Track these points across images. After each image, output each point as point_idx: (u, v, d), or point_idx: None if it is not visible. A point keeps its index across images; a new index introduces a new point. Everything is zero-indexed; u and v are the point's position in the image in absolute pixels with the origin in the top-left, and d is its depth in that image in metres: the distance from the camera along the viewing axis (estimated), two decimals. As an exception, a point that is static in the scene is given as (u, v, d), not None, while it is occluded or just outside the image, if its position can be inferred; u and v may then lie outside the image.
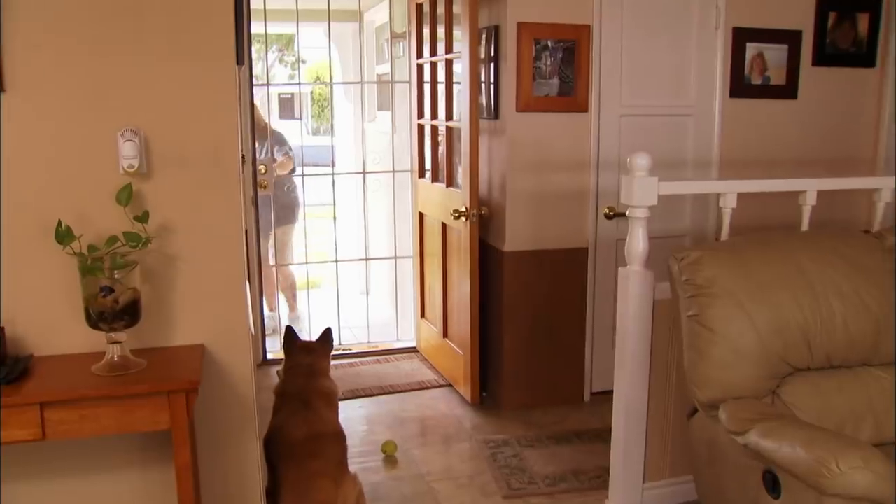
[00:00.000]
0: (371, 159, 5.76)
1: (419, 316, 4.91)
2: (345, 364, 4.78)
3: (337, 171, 5.96)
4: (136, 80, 2.27)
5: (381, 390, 4.36)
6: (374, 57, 6.13)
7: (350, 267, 5.92)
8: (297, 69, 15.10)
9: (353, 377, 4.55)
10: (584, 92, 3.88)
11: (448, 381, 4.41)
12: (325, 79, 7.21)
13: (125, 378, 2.14)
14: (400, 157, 5.23)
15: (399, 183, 5.29)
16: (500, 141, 3.89)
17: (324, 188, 6.14)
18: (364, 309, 5.68)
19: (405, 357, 4.91)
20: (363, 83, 6.00)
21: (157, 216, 2.33)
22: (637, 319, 2.85)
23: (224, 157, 2.40)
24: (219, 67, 2.34)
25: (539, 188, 3.89)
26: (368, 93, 6.15)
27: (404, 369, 4.69)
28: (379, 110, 6.18)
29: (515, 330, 4.01)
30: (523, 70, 3.77)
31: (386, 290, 5.69)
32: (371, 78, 6.15)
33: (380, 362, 4.84)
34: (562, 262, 3.98)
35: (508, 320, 3.99)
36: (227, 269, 2.44)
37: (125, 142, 2.24)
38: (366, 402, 4.22)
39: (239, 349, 2.50)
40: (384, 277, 5.78)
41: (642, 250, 2.80)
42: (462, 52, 3.83)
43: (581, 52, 3.83)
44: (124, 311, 2.17)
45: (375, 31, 6.10)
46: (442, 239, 4.36)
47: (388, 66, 5.63)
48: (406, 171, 5.09)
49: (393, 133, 5.39)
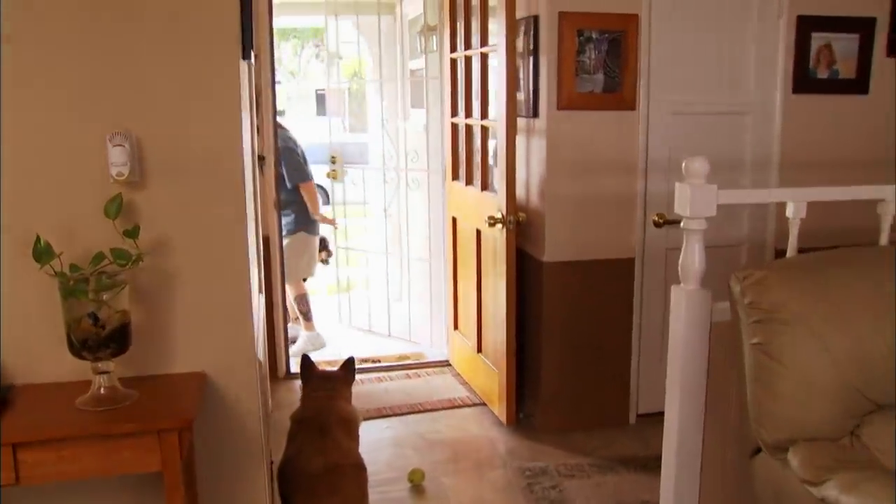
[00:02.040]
0: (405, 159, 5.52)
1: (452, 328, 4.66)
2: (372, 378, 4.56)
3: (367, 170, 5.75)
4: (127, 78, 2.06)
5: (409, 409, 4.13)
6: (407, 51, 5.88)
7: (383, 269, 5.70)
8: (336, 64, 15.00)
9: (381, 394, 4.32)
10: (632, 88, 3.60)
11: (482, 400, 4.16)
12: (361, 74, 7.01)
13: (112, 413, 1.93)
14: (434, 157, 4.99)
15: (433, 184, 5.05)
16: (539, 141, 3.64)
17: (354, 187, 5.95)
18: (398, 314, 5.48)
19: (437, 372, 4.68)
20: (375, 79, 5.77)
21: (152, 230, 2.12)
22: (691, 344, 2.56)
23: (227, 163, 2.18)
24: (221, 63, 2.13)
25: (581, 193, 3.63)
26: (402, 89, 5.91)
27: (435, 385, 4.46)
28: (413, 108, 5.94)
29: (555, 346, 3.75)
30: (565, 64, 3.50)
31: (420, 295, 5.46)
32: (405, 73, 5.92)
33: (409, 377, 4.61)
34: (606, 274, 3.72)
35: (547, 335, 3.74)
36: (232, 289, 2.24)
37: (114, 147, 2.03)
38: (393, 421, 3.99)
39: (244, 377, 2.28)
40: (417, 280, 5.55)
41: (698, 267, 2.51)
42: (498, 45, 3.57)
43: (628, 45, 3.54)
44: (111, 337, 1.95)
45: (409, 24, 5.85)
46: (476, 246, 4.11)
47: (422, 61, 5.39)
48: (440, 171, 4.84)
49: (427, 132, 5.14)
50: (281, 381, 4.44)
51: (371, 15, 5.52)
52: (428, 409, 4.12)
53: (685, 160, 2.48)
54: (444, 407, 4.15)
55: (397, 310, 5.55)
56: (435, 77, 4.85)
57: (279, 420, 3.06)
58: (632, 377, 3.88)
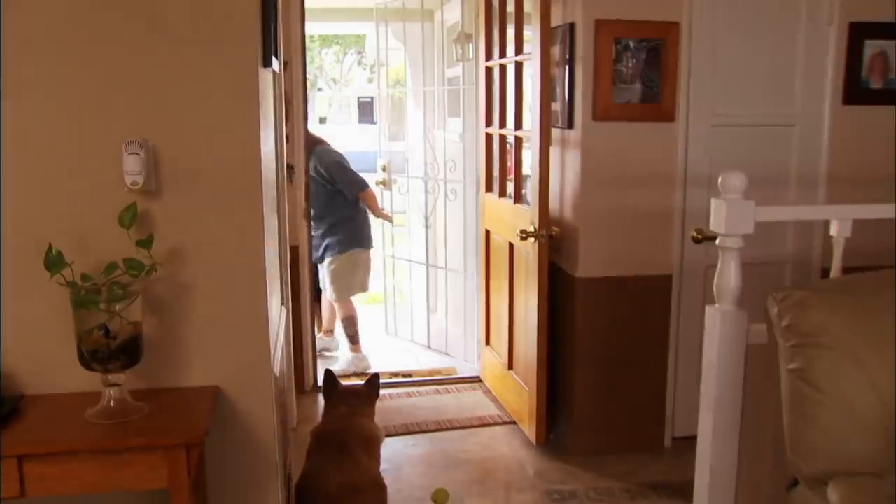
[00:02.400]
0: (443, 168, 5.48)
1: (484, 343, 4.61)
2: (402, 394, 4.52)
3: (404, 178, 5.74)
4: (144, 85, 2.07)
5: (437, 426, 4.08)
6: (445, 59, 5.87)
7: (418, 279, 5.68)
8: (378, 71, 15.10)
9: (409, 409, 4.29)
10: (671, 98, 3.51)
11: (512, 419, 4.10)
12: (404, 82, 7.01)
13: (121, 427, 1.92)
14: (470, 167, 4.95)
15: (469, 194, 5.01)
16: (574, 153, 3.58)
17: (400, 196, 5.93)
18: (436, 326, 5.46)
19: (467, 388, 4.63)
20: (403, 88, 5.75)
21: (168, 240, 2.12)
22: (726, 368, 2.48)
23: (245, 173, 2.17)
24: (240, 71, 2.13)
25: (617, 207, 3.56)
26: (439, 98, 5.90)
27: (465, 402, 4.40)
28: (450, 116, 5.92)
29: (588, 365, 3.67)
30: (601, 73, 3.43)
31: (455, 308, 5.42)
32: (442, 82, 5.90)
33: (440, 392, 4.56)
34: (642, 291, 3.64)
35: (580, 354, 3.66)
36: (248, 301, 2.23)
37: (129, 154, 2.03)
38: (420, 438, 3.95)
39: (260, 392, 2.27)
40: (452, 293, 5.51)
41: (734, 287, 2.43)
42: (532, 54, 3.53)
43: (668, 54, 3.46)
44: (121, 349, 1.95)
45: (447, 32, 5.84)
46: (509, 260, 4.06)
47: (459, 69, 5.36)
48: (476, 182, 4.80)
49: (463, 141, 5.11)
50: (307, 395, 4.43)
51: (415, 22, 5.52)
52: (456, 427, 4.07)
53: (721, 175, 2.41)
54: (472, 425, 4.09)
55: (435, 322, 5.52)
56: (471, 86, 4.82)
57: (303, 434, 3.04)
58: (667, 399, 3.78)
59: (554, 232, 3.61)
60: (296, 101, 4.19)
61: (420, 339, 5.50)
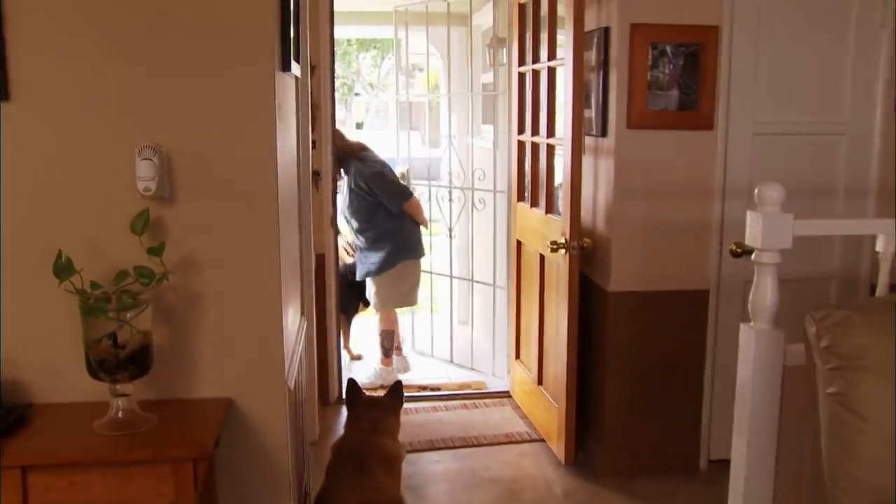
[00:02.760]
0: (472, 177, 5.46)
1: (513, 357, 4.56)
2: (428, 408, 4.49)
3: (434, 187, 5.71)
4: (157, 90, 2.07)
5: (463, 442, 4.04)
6: (479, 64, 5.85)
7: (447, 291, 5.64)
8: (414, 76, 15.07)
9: (435, 425, 4.25)
10: (710, 106, 3.44)
11: (541, 436, 4.04)
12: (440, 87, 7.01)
13: (129, 439, 1.92)
14: (501, 176, 4.92)
15: (500, 204, 4.97)
16: (608, 162, 3.52)
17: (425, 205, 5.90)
18: (461, 340, 5.41)
19: (496, 403, 4.58)
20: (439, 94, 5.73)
21: (180, 248, 2.13)
22: (761, 390, 2.41)
23: (261, 180, 2.18)
24: (256, 76, 2.13)
25: (652, 218, 3.49)
26: (472, 104, 5.88)
27: (493, 418, 4.35)
28: (483, 123, 5.90)
29: (619, 382, 3.61)
30: (636, 79, 3.38)
31: (484, 321, 5.38)
32: (477, 87, 5.88)
33: (467, 407, 4.51)
34: (677, 306, 3.56)
35: (612, 370, 3.60)
36: (262, 311, 2.22)
37: (142, 160, 2.03)
38: (445, 455, 3.91)
39: (273, 405, 2.26)
40: (480, 305, 5.47)
41: (770, 304, 2.36)
42: (565, 59, 3.48)
43: (707, 59, 3.39)
44: (130, 358, 1.95)
45: (482, 36, 5.82)
46: (539, 272, 4.01)
47: (492, 75, 5.34)
48: (503, 191, 4.77)
49: (495, 149, 5.08)
50: (331, 407, 4.42)
51: (440, 25, 5.51)
52: (483, 444, 4.02)
53: (758, 186, 2.34)
54: (500, 442, 4.04)
55: (461, 335, 5.47)
56: (505, 92, 4.79)
57: (325, 448, 3.03)
58: (703, 419, 3.70)
59: (585, 243, 3.55)
60: (323, 106, 4.19)
61: (441, 353, 5.44)
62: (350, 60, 22.68)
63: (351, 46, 21.02)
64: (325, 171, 4.25)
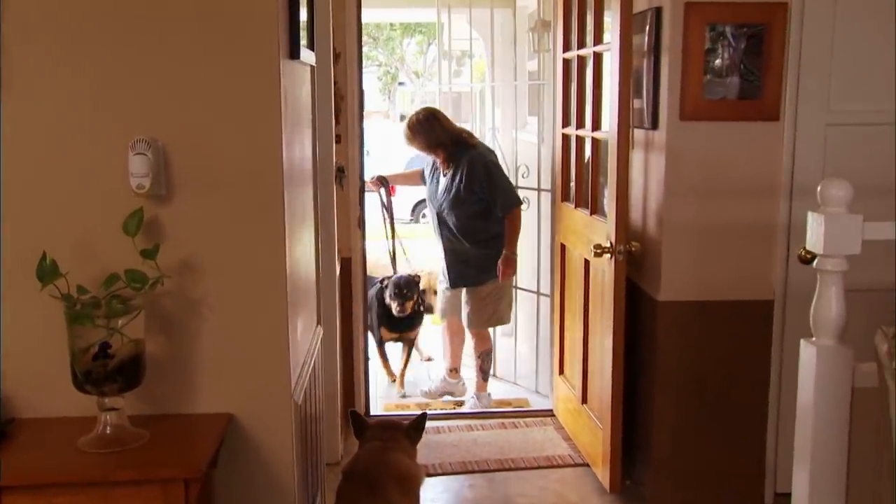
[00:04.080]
0: (519, 173, 5.41)
1: (557, 373, 4.50)
2: (462, 427, 4.45)
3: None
4: (152, 80, 2.09)
5: (499, 465, 4.00)
6: (525, 51, 5.80)
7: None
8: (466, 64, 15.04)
9: (469, 445, 4.22)
10: (776, 94, 3.35)
11: (585, 461, 3.99)
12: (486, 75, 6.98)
13: (116, 457, 1.93)
14: (546, 173, 4.87)
15: (544, 204, 4.93)
16: (659, 157, 3.45)
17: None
18: (503, 353, 5.38)
19: (537, 423, 4.53)
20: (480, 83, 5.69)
21: (178, 250, 2.14)
22: (825, 415, 2.34)
23: (265, 177, 2.18)
24: (258, 65, 2.14)
25: (708, 220, 3.41)
26: (518, 94, 5.83)
27: (534, 439, 4.31)
28: (529, 115, 5.85)
29: (671, 402, 3.53)
30: (691, 65, 3.30)
31: (527, 332, 5.33)
32: (522, 75, 5.83)
33: (505, 426, 4.47)
34: (737, 318, 3.47)
35: (662, 389, 3.53)
36: (267, 320, 2.23)
37: (135, 155, 2.05)
38: (478, 479, 3.88)
39: (278, 422, 2.27)
40: (524, 315, 5.41)
41: (835, 317, 2.29)
42: (612, 43, 3.42)
43: (773, 41, 3.30)
44: (119, 370, 1.96)
45: (527, 19, 5.77)
46: (584, 279, 3.95)
47: (536, 62, 5.29)
48: (548, 190, 4.72)
49: (539, 143, 5.03)
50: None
51: (484, 8, 5.47)
52: (521, 467, 3.98)
53: (821, 183, 2.27)
54: (539, 465, 3.99)
55: (504, 347, 5.42)
56: (550, 81, 4.73)
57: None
58: (768, 446, 3.59)
59: (633, 248, 3.49)
60: (350, 96, 4.19)
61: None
62: (394, 47, 22.77)
63: (394, 31, 21.12)
64: (351, 167, 4.24)
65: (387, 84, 23.91)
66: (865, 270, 2.65)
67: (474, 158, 4.60)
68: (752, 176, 3.41)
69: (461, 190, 4.59)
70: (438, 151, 4.66)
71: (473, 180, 4.57)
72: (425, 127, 4.62)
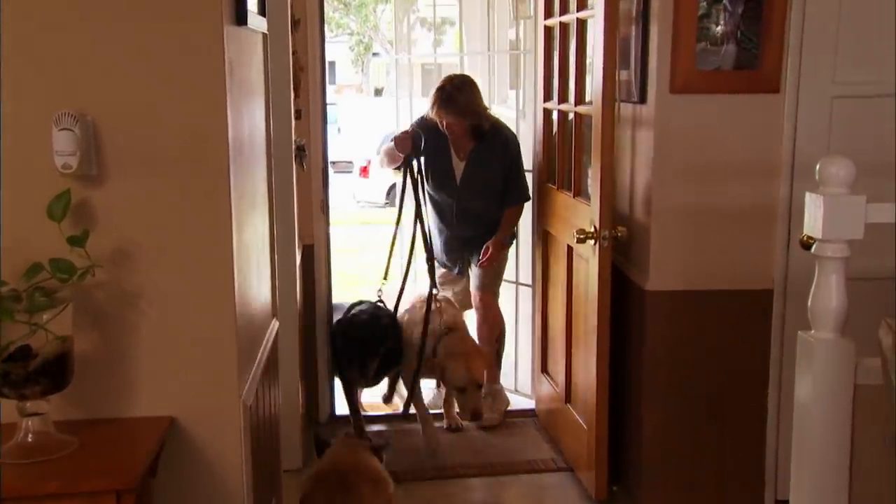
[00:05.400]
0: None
1: (539, 369, 4.52)
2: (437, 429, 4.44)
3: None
4: (80, 46, 2.04)
5: (476, 470, 4.05)
6: (505, 18, 5.77)
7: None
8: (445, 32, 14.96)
9: (444, 448, 4.22)
10: (776, 63, 3.35)
11: (568, 465, 4.03)
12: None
13: (38, 468, 1.89)
14: (527, 153, 4.84)
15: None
16: (647, 134, 3.46)
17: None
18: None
19: (518, 423, 4.59)
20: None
21: (111, 236, 2.11)
22: (826, 414, 2.36)
23: (209, 154, 2.16)
24: (199, 28, 2.11)
25: (701, 202, 3.43)
26: (496, 65, 5.80)
27: (513, 442, 4.36)
28: (510, 89, 5.83)
29: (661, 401, 3.56)
30: (683, 32, 3.29)
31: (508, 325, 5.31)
32: (503, 44, 5.79)
33: (483, 428, 4.47)
34: (732, 309, 3.50)
35: (651, 387, 3.55)
36: (212, 313, 2.21)
37: (60, 130, 2.00)
38: (453, 486, 3.92)
39: (225, 425, 2.24)
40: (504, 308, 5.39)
41: (835, 308, 2.29)
42: (597, 9, 3.40)
43: (773, 4, 3.29)
44: (42, 370, 1.91)
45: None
46: (567, 267, 3.97)
47: (516, 31, 5.26)
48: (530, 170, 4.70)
49: (519, 119, 5.01)
50: (323, 427, 4.39)
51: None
52: (498, 472, 4.03)
53: (820, 162, 2.25)
54: (518, 470, 4.04)
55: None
56: (532, 50, 4.71)
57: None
58: (768, 449, 3.61)
59: (620, 233, 3.50)
60: (311, 69, 4.15)
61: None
62: (367, 14, 22.65)
63: (368, -4, 21.07)
64: (313, 146, 4.21)
65: (360, 55, 23.82)
66: (868, 257, 2.67)
67: (510, 140, 4.52)
68: (749, 154, 3.42)
69: (495, 174, 4.47)
70: (470, 126, 4.42)
71: (510, 165, 4.48)
72: (468, 91, 4.39)
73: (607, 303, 3.49)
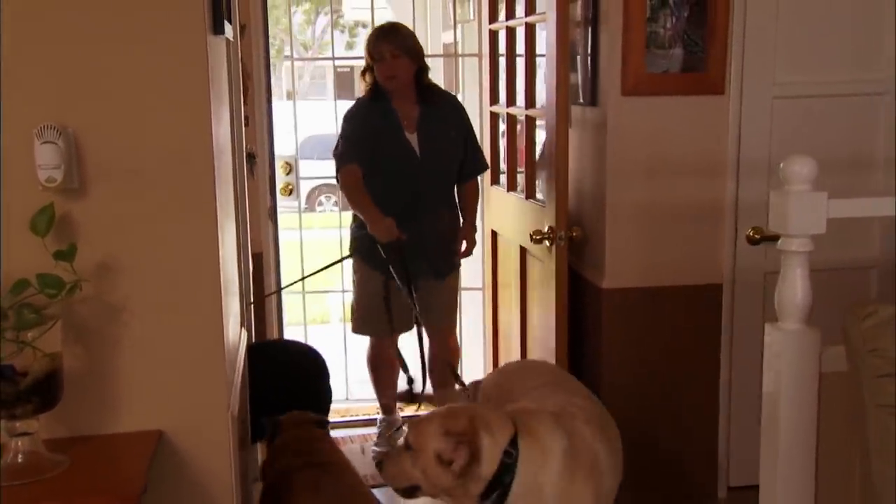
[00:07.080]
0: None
1: (491, 370, 4.56)
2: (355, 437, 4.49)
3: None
4: (63, 57, 2.02)
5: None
6: (439, 21, 5.84)
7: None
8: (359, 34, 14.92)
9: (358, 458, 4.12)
10: (721, 66, 3.48)
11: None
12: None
13: (32, 489, 1.86)
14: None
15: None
16: (599, 136, 3.55)
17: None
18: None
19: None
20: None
21: (96, 250, 2.08)
22: (793, 402, 2.43)
23: (193, 166, 2.15)
24: (184, 38, 2.10)
25: (652, 202, 3.54)
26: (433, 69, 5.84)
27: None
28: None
29: (618, 397, 3.60)
30: (633, 36, 3.40)
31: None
32: (436, 48, 5.86)
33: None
34: (684, 304, 3.61)
35: (608, 383, 3.63)
36: (200, 325, 2.19)
37: (42, 143, 1.98)
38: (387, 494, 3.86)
39: (214, 438, 2.22)
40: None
41: (801, 300, 2.37)
42: (547, 13, 3.48)
43: (717, 8, 3.42)
44: (33, 389, 1.89)
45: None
46: (520, 268, 4.03)
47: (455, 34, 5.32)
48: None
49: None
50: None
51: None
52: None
53: (784, 161, 2.35)
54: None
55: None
56: (471, 54, 4.78)
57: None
58: (720, 439, 3.75)
59: (575, 233, 3.58)
60: (256, 74, 4.14)
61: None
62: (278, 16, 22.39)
63: (279, -1, 20.84)
64: (260, 152, 4.19)
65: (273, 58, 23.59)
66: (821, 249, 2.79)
67: (457, 102, 4.19)
68: (697, 153, 3.54)
69: (454, 140, 4.04)
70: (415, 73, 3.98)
71: (468, 127, 4.13)
72: (407, 29, 4.08)
73: (565, 302, 3.54)
